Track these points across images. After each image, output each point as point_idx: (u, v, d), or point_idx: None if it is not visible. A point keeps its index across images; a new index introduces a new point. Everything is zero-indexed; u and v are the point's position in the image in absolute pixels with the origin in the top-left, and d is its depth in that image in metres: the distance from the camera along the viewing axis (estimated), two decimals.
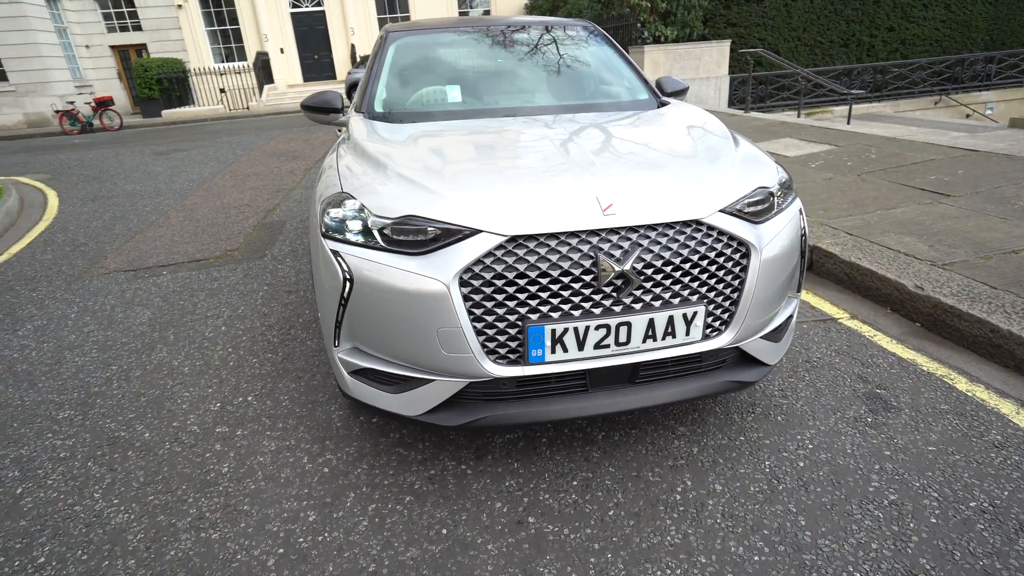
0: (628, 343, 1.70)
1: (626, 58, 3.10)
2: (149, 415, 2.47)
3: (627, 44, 12.65)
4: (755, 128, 7.91)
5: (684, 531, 1.73)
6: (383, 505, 1.89)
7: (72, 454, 2.26)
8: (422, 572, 1.64)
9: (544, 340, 1.64)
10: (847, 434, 2.13)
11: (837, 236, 3.79)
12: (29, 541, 1.84)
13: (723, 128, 2.36)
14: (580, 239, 1.64)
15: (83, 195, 7.31)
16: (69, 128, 16.13)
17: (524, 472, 2.01)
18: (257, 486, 2.01)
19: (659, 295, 1.70)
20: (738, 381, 1.89)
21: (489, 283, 1.62)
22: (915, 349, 2.70)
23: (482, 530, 1.77)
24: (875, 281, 3.25)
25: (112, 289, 4.01)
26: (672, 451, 2.08)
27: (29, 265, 4.73)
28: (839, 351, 2.71)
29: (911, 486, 1.86)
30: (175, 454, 2.21)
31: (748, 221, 1.83)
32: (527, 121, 2.39)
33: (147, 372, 2.84)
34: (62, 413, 2.54)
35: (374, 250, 1.72)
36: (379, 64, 2.87)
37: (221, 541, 1.78)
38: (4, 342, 3.30)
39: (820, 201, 4.57)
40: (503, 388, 1.75)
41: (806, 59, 14.97)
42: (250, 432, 2.31)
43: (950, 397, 2.32)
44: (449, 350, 1.65)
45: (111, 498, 2.00)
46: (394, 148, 2.11)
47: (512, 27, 3.18)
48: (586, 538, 1.73)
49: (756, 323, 1.85)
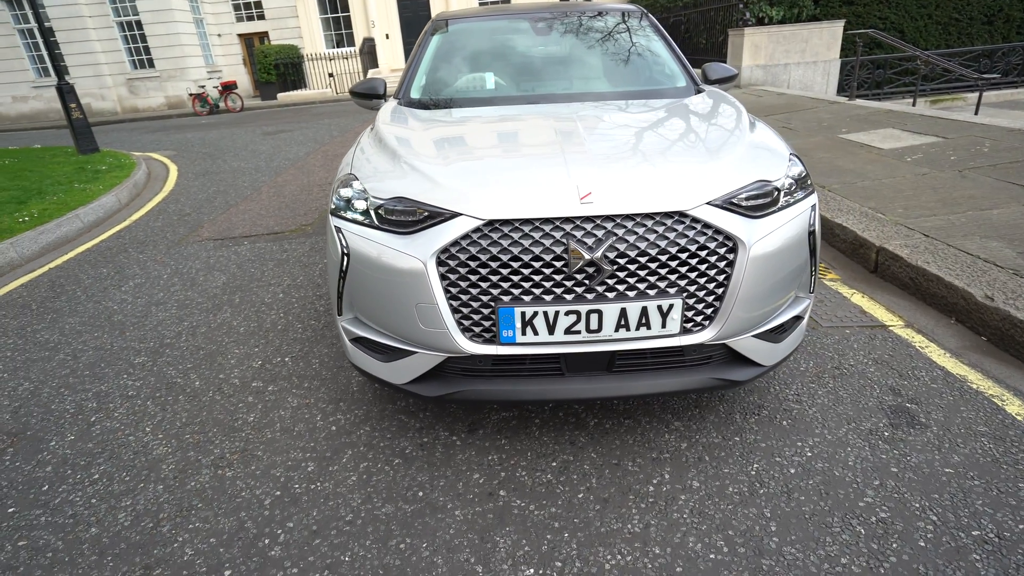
0: (600, 331, 1.72)
1: (669, 44, 3.01)
2: (203, 366, 2.82)
3: (727, 27, 11.97)
4: (854, 117, 7.27)
5: (647, 521, 1.74)
6: (373, 464, 2.05)
7: (138, 393, 2.64)
8: (391, 527, 1.78)
9: (514, 322, 1.71)
10: (855, 446, 2.00)
11: (911, 237, 3.46)
12: (91, 460, 2.20)
13: (743, 118, 2.25)
14: (554, 226, 1.68)
15: (197, 170, 8.20)
16: (200, 109, 17.96)
17: (509, 448, 2.09)
18: (273, 436, 2.25)
19: (634, 285, 1.70)
20: (725, 379, 1.85)
21: (464, 264, 1.71)
22: (970, 365, 2.45)
23: (455, 497, 1.88)
24: (941, 288, 2.95)
25: (200, 255, 4.52)
26: (660, 444, 2.07)
27: (142, 231, 5.43)
28: (878, 360, 2.52)
29: (909, 506, 1.73)
30: (215, 401, 2.51)
31: (743, 215, 1.77)
32: (547, 109, 2.42)
33: (211, 329, 3.21)
34: (138, 359, 2.96)
35: (369, 228, 1.86)
36: (421, 52, 3.01)
37: (232, 479, 2.03)
38: (110, 295, 3.86)
39: (904, 199, 4.17)
40: (480, 365, 1.83)
41: (938, 39, 13.36)
42: (279, 389, 2.57)
43: (993, 419, 2.10)
44: (426, 325, 1.76)
45: (157, 433, 2.33)
46: (407, 133, 2.24)
47: (557, 14, 3.18)
48: (549, 516, 1.78)
49: (745, 321, 1.79)
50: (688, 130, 2.14)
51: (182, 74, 19.96)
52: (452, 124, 2.30)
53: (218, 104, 18.18)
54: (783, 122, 7.47)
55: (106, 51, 19.75)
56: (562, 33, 3.04)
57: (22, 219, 5.43)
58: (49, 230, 5.20)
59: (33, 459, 2.23)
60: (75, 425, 2.43)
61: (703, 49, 13.60)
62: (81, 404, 2.58)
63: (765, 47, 11.26)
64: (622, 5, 3.32)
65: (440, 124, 2.31)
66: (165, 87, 20.15)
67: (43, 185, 6.87)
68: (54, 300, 3.86)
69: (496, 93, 2.74)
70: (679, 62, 2.90)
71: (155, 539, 1.80)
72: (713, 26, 12.85)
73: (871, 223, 3.74)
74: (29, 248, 4.91)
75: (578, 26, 3.08)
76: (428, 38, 3.10)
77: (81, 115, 9.23)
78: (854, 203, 4.15)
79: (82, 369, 2.89)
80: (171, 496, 1.97)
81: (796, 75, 11.55)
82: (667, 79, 2.80)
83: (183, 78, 19.96)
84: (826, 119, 7.37)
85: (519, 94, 2.70)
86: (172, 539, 1.79)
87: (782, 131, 6.91)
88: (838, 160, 5.37)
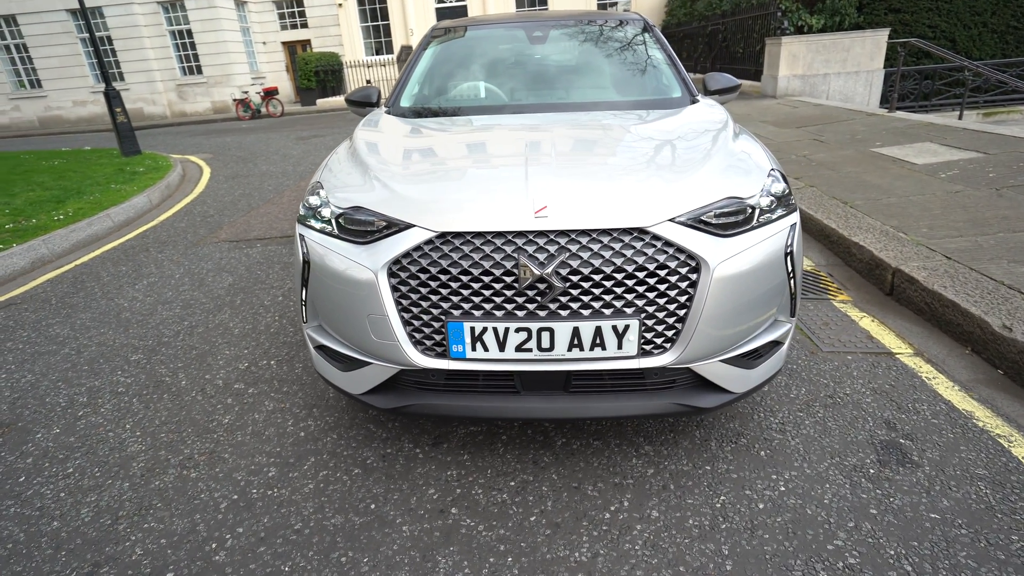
0: (552, 350, 1.66)
1: (668, 54, 2.92)
2: (192, 366, 2.87)
3: (764, 36, 11.68)
4: (891, 130, 6.95)
5: (596, 550, 1.66)
6: (333, 473, 2.04)
7: (127, 390, 2.70)
8: (336, 539, 1.75)
9: (464, 337, 1.66)
10: (834, 483, 1.87)
11: (931, 259, 3.26)
12: (69, 454, 2.26)
13: (727, 132, 2.15)
14: (506, 240, 1.63)
15: (228, 173, 8.46)
16: (242, 114, 18.60)
17: (470, 464, 2.04)
18: (243, 439, 2.26)
19: (588, 304, 1.63)
20: (689, 405, 1.76)
21: (415, 276, 1.67)
22: (980, 400, 2.27)
23: (406, 511, 1.85)
24: (957, 315, 2.76)
25: (214, 256, 4.64)
26: (625, 469, 1.98)
27: (166, 231, 5.62)
28: (877, 390, 2.37)
29: (883, 553, 1.60)
30: (196, 402, 2.55)
31: (712, 234, 1.68)
32: (527, 120, 2.38)
33: (208, 330, 3.28)
34: (134, 356, 3.04)
35: (329, 236, 1.85)
36: (415, 61, 3.01)
37: (195, 480, 2.05)
38: (123, 293, 3.99)
39: (930, 217, 3.94)
40: (433, 379, 1.80)
41: (993, 48, 12.71)
42: (259, 392, 2.59)
43: (995, 462, 1.94)
44: (378, 336, 1.73)
45: (136, 431, 2.37)
46: (379, 143, 2.23)
47: (556, 23, 3.14)
48: (496, 538, 1.73)
49: (711, 345, 1.70)
50: (664, 143, 2.06)
51: (228, 80, 20.72)
52: (426, 134, 2.29)
53: (260, 109, 18.78)
54: (814, 134, 7.21)
55: (158, 58, 20.69)
56: (557, 43, 3.00)
57: (57, 217, 5.70)
58: (80, 228, 5.43)
59: (18, 450, 2.31)
60: (63, 419, 2.50)
61: (740, 58, 13.32)
62: (73, 398, 2.66)
63: (803, 57, 10.93)
64: (624, 14, 3.25)
65: (415, 134, 2.30)
66: (211, 92, 20.96)
67: (83, 185, 7.21)
68: (72, 296, 4.02)
69: (483, 102, 2.71)
70: (676, 72, 2.81)
71: (110, 536, 1.82)
72: (750, 35, 12.56)
73: (890, 243, 3.55)
74: (60, 245, 5.14)
75: (575, 36, 3.03)
76: (424, 47, 3.11)
77: (125, 119, 9.67)
78: (875, 221, 3.95)
79: (82, 364, 2.99)
80: (134, 494, 2.00)
81: (836, 86, 11.16)
82: (661, 90, 2.72)
83: (228, 84, 20.72)
84: (861, 131, 7.08)
85: (505, 104, 2.67)
86: (125, 537, 1.81)
87: (812, 144, 6.66)
88: (866, 175, 5.13)
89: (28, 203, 6.38)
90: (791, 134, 7.40)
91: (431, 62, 3.02)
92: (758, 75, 12.08)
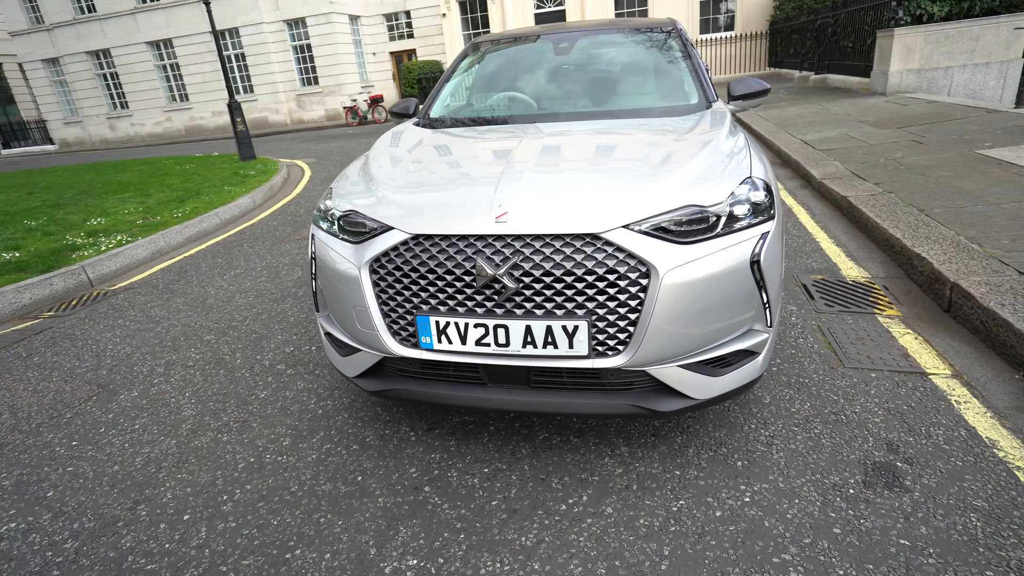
0: (508, 345, 1.78)
1: (693, 61, 2.89)
2: (249, 348, 3.29)
3: (876, 28, 10.74)
4: (1009, 129, 6.18)
5: (542, 537, 1.76)
6: (334, 447, 2.29)
7: (194, 364, 3.16)
8: (321, 502, 1.99)
9: (430, 329, 1.83)
10: (805, 499, 1.82)
11: (999, 274, 2.95)
12: (139, 413, 2.71)
13: (718, 140, 2.13)
14: (468, 242, 1.78)
15: (325, 176, 9.26)
16: (351, 121, 20.11)
17: (454, 450, 2.21)
18: (272, 412, 2.59)
19: (540, 304, 1.73)
20: (646, 408, 1.80)
21: (391, 273, 1.87)
22: (1012, 430, 2.08)
23: (385, 486, 2.05)
24: (1010, 336, 2.51)
25: (292, 252, 5.18)
26: (595, 466, 2.05)
27: (260, 229, 6.32)
28: (892, 410, 2.23)
29: (829, 572, 1.56)
30: (243, 377, 2.94)
31: (669, 241, 1.72)
32: (532, 129, 2.49)
33: (270, 317, 3.72)
34: (208, 336, 3.52)
35: (331, 236, 2.10)
36: (449, 73, 3.22)
37: (225, 444, 2.39)
38: (213, 282, 4.60)
39: (1017, 227, 3.53)
40: (411, 367, 1.98)
41: None
42: (295, 373, 2.93)
43: (1001, 495, 1.78)
44: (362, 325, 1.95)
45: (192, 399, 2.79)
46: (390, 152, 2.46)
47: (584, 33, 3.21)
48: (456, 517, 1.88)
49: (666, 349, 1.73)
50: (646, 151, 2.09)
51: (340, 89, 22.45)
52: (434, 144, 2.48)
53: (366, 116, 20.19)
54: (916, 135, 6.58)
55: (282, 71, 22.87)
56: (581, 54, 3.08)
57: (176, 215, 6.60)
58: (192, 225, 6.26)
59: (104, 407, 2.80)
60: (142, 385, 2.99)
61: (850, 53, 12.32)
62: (153, 368, 3.16)
63: (920, 49, 9.92)
64: (656, 20, 3.24)
65: (424, 144, 2.50)
66: (325, 101, 22.81)
67: (202, 187, 8.25)
68: (175, 283, 4.69)
69: (500, 113, 2.86)
70: (696, 79, 2.79)
71: (151, 481, 2.20)
72: (861, 28, 11.59)
73: (958, 254, 3.24)
74: (175, 239, 5.97)
75: (600, 47, 3.09)
76: (460, 60, 3.32)
77: (244, 128, 10.89)
78: (950, 231, 3.61)
79: (167, 341, 3.52)
80: (178, 450, 2.38)
81: (960, 80, 10.01)
82: (676, 97, 2.71)
83: (340, 93, 22.45)
84: (971, 131, 6.36)
85: (520, 115, 2.80)
86: (162, 483, 2.18)
87: (909, 146, 6.10)
88: (958, 180, 4.65)
89: (158, 202, 7.43)
90: (888, 135, 6.81)
91: (462, 75, 3.22)
92: (868, 71, 11.12)
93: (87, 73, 25.27)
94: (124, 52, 24.29)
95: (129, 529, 1.96)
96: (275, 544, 1.83)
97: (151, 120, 25.21)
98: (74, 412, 2.78)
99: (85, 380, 3.11)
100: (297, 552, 1.79)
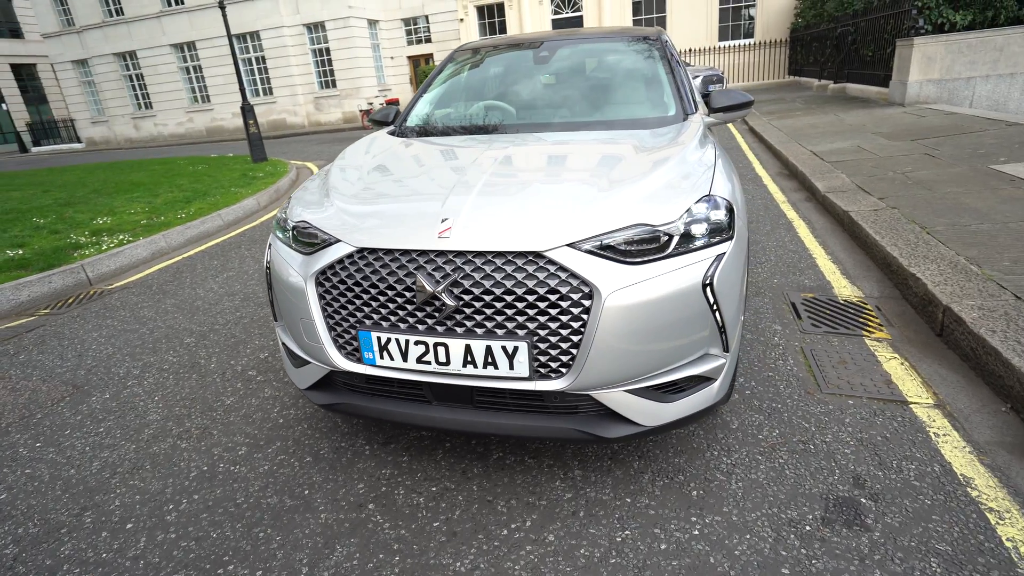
0: (448, 364, 1.73)
1: (673, 72, 2.81)
2: (226, 352, 3.28)
3: (896, 37, 10.50)
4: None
5: (477, 563, 1.70)
6: (288, 458, 2.26)
7: (170, 367, 3.16)
8: (264, 516, 1.96)
9: (372, 345, 1.79)
10: (758, 535, 1.74)
11: (995, 298, 2.82)
12: (106, 416, 2.71)
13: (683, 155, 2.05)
14: (410, 258, 1.73)
15: None
16: (367, 123, 20.27)
17: (405, 466, 2.16)
18: (234, 419, 2.57)
19: (481, 323, 1.68)
20: (590, 433, 1.73)
21: (336, 286, 1.83)
22: (989, 468, 1.97)
23: (330, 502, 2.01)
24: (998, 365, 2.39)
25: None
26: (545, 490, 1.99)
27: (261, 231, 6.36)
28: (864, 441, 2.13)
29: None
30: (214, 382, 2.93)
31: (616, 260, 1.65)
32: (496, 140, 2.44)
33: (252, 321, 3.71)
34: (188, 339, 3.53)
35: (285, 246, 2.07)
36: (429, 82, 3.19)
37: (182, 451, 2.37)
38: (205, 284, 4.62)
39: (1021, 248, 3.38)
40: (357, 382, 1.94)
41: None
42: (264, 380, 2.91)
43: (967, 540, 1.68)
44: (309, 338, 1.92)
45: (160, 403, 2.79)
46: (353, 162, 2.43)
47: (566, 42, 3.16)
48: (395, 537, 1.83)
49: (611, 374, 1.67)
50: (605, 165, 2.03)
51: (357, 92, 22.68)
52: (397, 154, 2.45)
53: None
54: (929, 148, 6.39)
55: (301, 74, 23.18)
56: (560, 64, 3.02)
57: (180, 216, 6.68)
58: (194, 226, 6.33)
59: (75, 408, 2.81)
60: (115, 387, 3.00)
61: (869, 62, 12.07)
62: (129, 371, 3.17)
63: (941, 59, 9.66)
64: (642, 30, 3.18)
65: (388, 153, 2.47)
66: (343, 104, 23.06)
67: (210, 188, 8.35)
68: (169, 284, 4.73)
69: (472, 123, 2.82)
70: (676, 91, 2.71)
71: (103, 487, 2.18)
72: (881, 36, 11.35)
73: (954, 276, 3.11)
74: (176, 240, 6.04)
75: (581, 56, 3.03)
76: (442, 67, 3.28)
77: (256, 130, 11.03)
78: (949, 250, 3.47)
79: (149, 343, 3.53)
80: (135, 455, 2.37)
81: (983, 90, 9.73)
82: (652, 109, 2.64)
83: (358, 96, 22.67)
84: (987, 145, 6.15)
85: (493, 123, 2.75)
86: (113, 490, 2.16)
87: (920, 159, 5.92)
88: (966, 196, 4.48)
89: (165, 203, 7.54)
90: (900, 147, 6.62)
91: (441, 83, 3.19)
92: (887, 81, 10.88)
93: (114, 74, 25.91)
94: (149, 54, 24.86)
95: (71, 536, 1.95)
96: (209, 559, 1.80)
97: (174, 120, 25.74)
98: (45, 413, 2.79)
99: (63, 380, 3.13)
100: (230, 568, 1.76)
